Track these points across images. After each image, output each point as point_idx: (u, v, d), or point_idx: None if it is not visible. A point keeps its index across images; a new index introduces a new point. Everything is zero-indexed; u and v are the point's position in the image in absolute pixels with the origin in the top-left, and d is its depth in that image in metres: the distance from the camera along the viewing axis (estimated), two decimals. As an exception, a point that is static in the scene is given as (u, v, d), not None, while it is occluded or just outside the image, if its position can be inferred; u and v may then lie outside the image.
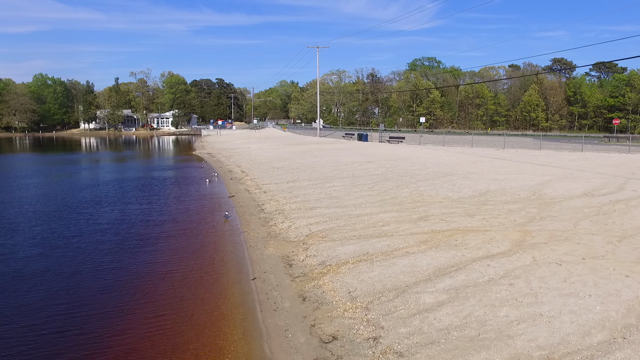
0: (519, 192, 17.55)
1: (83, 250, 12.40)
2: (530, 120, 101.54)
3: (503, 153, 35.23)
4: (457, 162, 28.18)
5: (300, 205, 16.81)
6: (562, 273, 8.76)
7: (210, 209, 17.78)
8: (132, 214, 16.95)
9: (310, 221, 14.26)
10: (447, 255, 10.21)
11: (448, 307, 7.58)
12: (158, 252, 12.36)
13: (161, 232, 14.44)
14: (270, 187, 21.31)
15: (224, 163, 35.59)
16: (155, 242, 13.36)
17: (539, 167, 25.24)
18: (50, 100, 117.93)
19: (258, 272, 10.26)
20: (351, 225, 13.44)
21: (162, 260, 11.74)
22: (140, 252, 12.27)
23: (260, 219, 15.50)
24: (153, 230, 14.63)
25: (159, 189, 22.67)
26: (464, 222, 13.20)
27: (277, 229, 13.90)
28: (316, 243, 11.90)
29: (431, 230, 12.47)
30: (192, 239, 13.58)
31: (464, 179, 20.76)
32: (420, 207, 15.60)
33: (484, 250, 10.53)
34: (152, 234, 14.23)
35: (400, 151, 37.59)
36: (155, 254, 12.21)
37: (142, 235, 14.03)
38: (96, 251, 12.32)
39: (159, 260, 11.69)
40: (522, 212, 14.30)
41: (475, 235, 11.81)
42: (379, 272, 9.44)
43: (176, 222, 15.69)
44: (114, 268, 11.07)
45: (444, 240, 11.51)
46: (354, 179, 22.25)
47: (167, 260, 11.72)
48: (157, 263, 11.50)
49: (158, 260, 11.69)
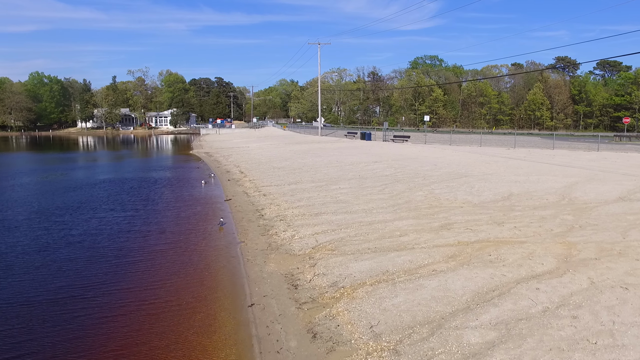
0: (546, 195, 15.85)
1: (36, 273, 10.11)
2: (534, 119, 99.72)
3: (515, 152, 33.52)
4: (469, 162, 26.47)
5: (304, 210, 15.10)
6: (634, 301, 7.06)
7: (203, 215, 16.01)
8: (112, 222, 14.85)
9: (316, 230, 12.56)
10: (484, 275, 8.51)
11: (502, 352, 5.87)
12: (135, 274, 10.21)
13: (143, 246, 12.36)
14: (271, 190, 19.60)
15: (221, 163, 33.86)
16: (134, 259, 11.23)
17: (559, 167, 23.55)
18: (46, 99, 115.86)
19: (257, 295, 8.54)
20: (364, 235, 11.73)
21: (139, 285, 9.59)
22: (112, 275, 10.10)
23: (259, 226, 13.79)
24: (133, 243, 12.51)
25: (148, 192, 20.70)
26: (493, 232, 11.50)
27: (278, 238, 12.19)
28: (325, 257, 10.19)
29: (458, 242, 10.76)
30: (180, 254, 11.60)
31: (481, 181, 19.06)
32: (440, 212, 13.90)
33: (526, 268, 8.82)
34: (132, 249, 12.07)
35: (406, 150, 35.88)
36: (130, 278, 10.02)
37: (118, 250, 11.88)
38: (54, 274, 10.01)
39: (135, 286, 9.53)
40: (557, 219, 12.60)
41: (511, 248, 10.11)
42: (405, 297, 7.74)
43: (162, 233, 13.66)
44: (69, 298, 8.79)
45: (475, 254, 9.81)
46: (361, 180, 20.55)
47: (145, 284, 9.56)
48: (132, 291, 9.30)
49: (133, 287, 9.53)
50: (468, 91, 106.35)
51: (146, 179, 25.67)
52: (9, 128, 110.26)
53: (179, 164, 38.30)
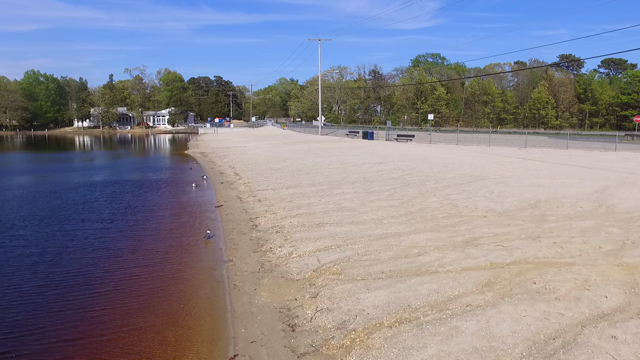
0: (578, 202, 13.95)
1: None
2: (539, 118, 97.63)
3: (528, 153, 31.60)
4: (482, 163, 24.55)
5: (303, 220, 13.20)
6: None
7: (189, 226, 14.04)
8: (80, 237, 12.50)
9: (318, 245, 10.65)
10: (536, 314, 6.61)
11: None
12: (88, 316, 7.80)
13: (109, 270, 10.00)
14: (267, 194, 17.69)
15: (216, 164, 31.93)
16: (93, 292, 8.81)
17: (580, 169, 21.64)
18: (42, 98, 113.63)
19: (243, 341, 6.63)
20: (375, 253, 9.83)
21: (91, 333, 7.21)
22: (59, 315, 7.78)
23: (251, 240, 11.87)
24: (97, 268, 10.10)
25: (131, 197, 18.62)
26: (530, 250, 9.59)
27: (273, 256, 10.28)
28: (329, 284, 8.29)
29: (490, 264, 8.86)
30: (153, 280, 9.39)
31: (500, 185, 17.15)
32: (461, 223, 11.99)
33: (586, 303, 6.93)
34: (93, 276, 9.66)
35: (412, 150, 33.95)
36: (81, 322, 7.59)
37: (75, 279, 9.43)
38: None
39: (83, 337, 7.11)
40: (601, 233, 10.70)
41: (558, 272, 8.21)
42: (437, 349, 5.84)
43: (134, 252, 11.24)
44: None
45: (516, 281, 7.91)
46: (366, 183, 18.64)
47: (100, 331, 7.27)
48: (76, 344, 6.89)
49: (81, 337, 7.09)
50: (471, 89, 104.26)
51: (133, 181, 23.69)
52: (4, 127, 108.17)
53: (172, 164, 36.36)
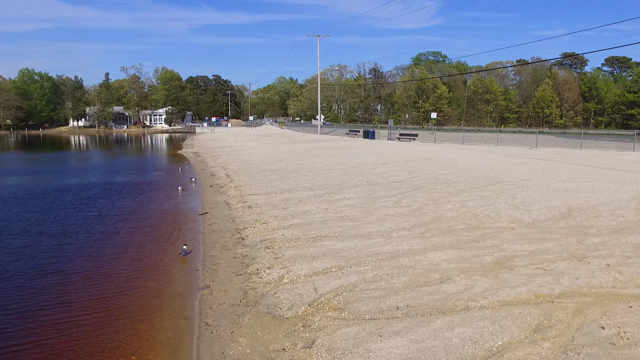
0: (617, 211, 12.01)
1: None
2: (543, 117, 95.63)
3: (540, 152, 29.65)
4: (494, 164, 22.61)
5: (298, 232, 11.24)
6: None
7: (164, 238, 12.00)
8: (27, 256, 10.30)
9: (315, 267, 8.70)
10: (622, 383, 4.65)
11: None
12: None
13: (45, 305, 7.73)
14: (259, 200, 15.72)
15: (208, 164, 29.95)
16: (19, 339, 6.59)
17: (604, 171, 19.71)
18: (37, 97, 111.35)
19: None
20: (386, 279, 7.87)
21: None
22: None
23: (235, 257, 9.91)
24: (33, 300, 7.89)
25: (106, 203, 16.46)
26: (581, 275, 7.64)
27: (260, 282, 8.32)
28: (328, 326, 6.33)
29: (535, 296, 6.91)
30: (99, 321, 7.10)
31: (521, 189, 15.21)
32: (485, 237, 10.04)
33: (687, 363, 4.97)
34: (22, 313, 7.41)
35: (417, 150, 32.00)
36: None
37: (3, 318, 7.21)
38: None
39: None
40: (661, 251, 8.75)
41: (629, 310, 6.26)
42: None
43: (88, 278, 8.97)
44: None
45: (577, 324, 5.96)
46: (370, 187, 16.69)
47: None
48: None
49: None
50: (474, 88, 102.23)
51: (113, 184, 21.65)
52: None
53: (161, 165, 34.34)
